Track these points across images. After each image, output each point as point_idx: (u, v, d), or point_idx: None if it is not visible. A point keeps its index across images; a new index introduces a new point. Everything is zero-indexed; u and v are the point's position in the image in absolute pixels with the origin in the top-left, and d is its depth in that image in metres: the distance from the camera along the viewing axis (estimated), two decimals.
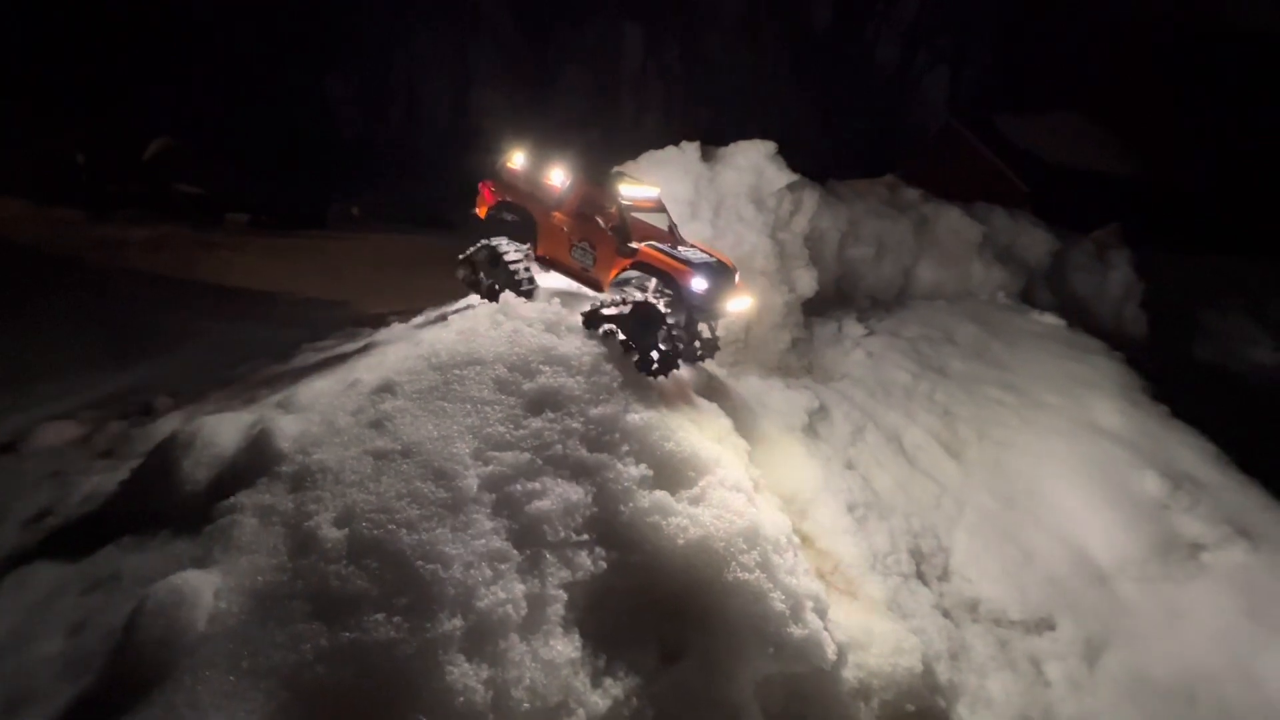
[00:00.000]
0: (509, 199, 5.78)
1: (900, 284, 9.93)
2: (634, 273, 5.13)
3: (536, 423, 3.76)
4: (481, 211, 5.92)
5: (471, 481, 3.28)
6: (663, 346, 4.73)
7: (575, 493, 3.50)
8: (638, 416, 4.07)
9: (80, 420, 5.86)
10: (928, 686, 4.29)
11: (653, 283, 5.03)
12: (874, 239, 9.43)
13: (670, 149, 7.83)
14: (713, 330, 5.40)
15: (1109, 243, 12.48)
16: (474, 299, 6.01)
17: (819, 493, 5.62)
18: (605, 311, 4.93)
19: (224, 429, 3.94)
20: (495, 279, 5.63)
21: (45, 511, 4.10)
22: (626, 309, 4.86)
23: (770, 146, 7.88)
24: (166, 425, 5.16)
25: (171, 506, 3.55)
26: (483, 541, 3.06)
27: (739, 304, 5.48)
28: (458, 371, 3.92)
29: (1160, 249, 13.25)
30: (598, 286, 5.44)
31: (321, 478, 3.35)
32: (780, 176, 7.78)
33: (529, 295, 5.47)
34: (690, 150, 7.82)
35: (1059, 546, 5.90)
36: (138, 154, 23.58)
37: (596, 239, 5.34)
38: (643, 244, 5.10)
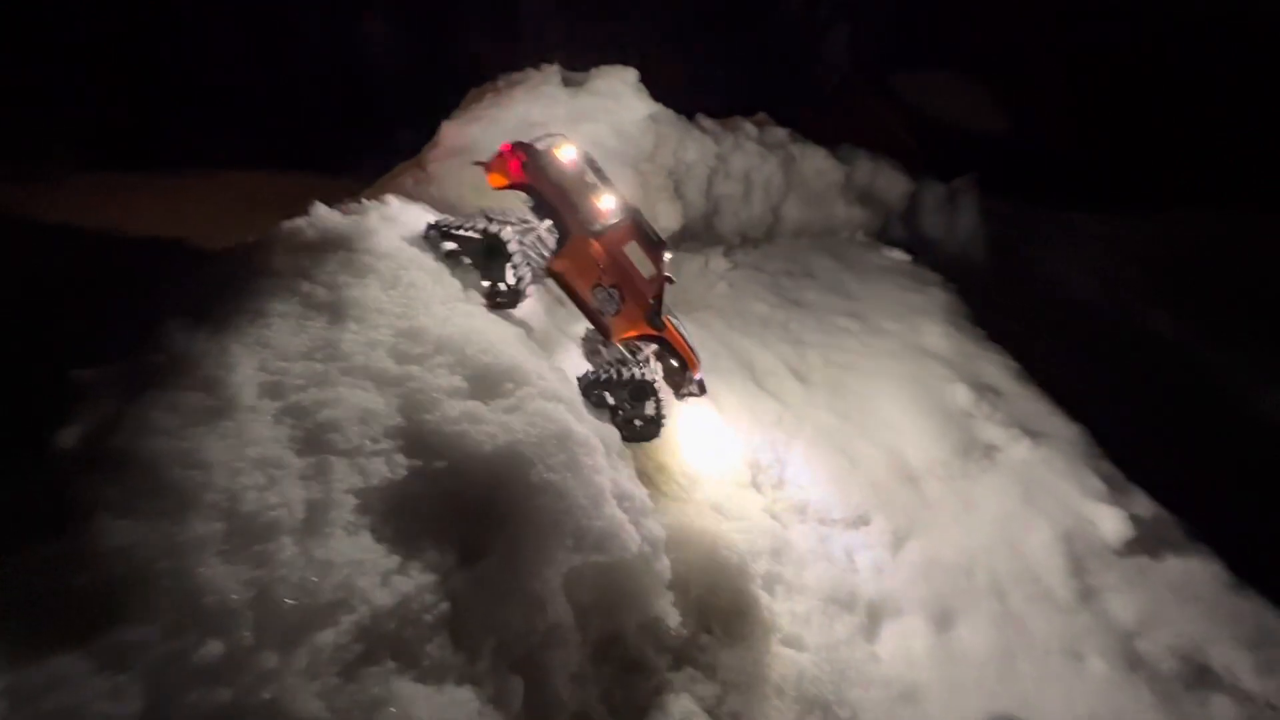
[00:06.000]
0: (542, 190, 4.89)
1: (769, 221, 10.28)
2: (644, 342, 5.38)
3: (335, 334, 3.61)
4: (496, 182, 4.91)
5: (247, 390, 3.12)
6: (651, 414, 5.11)
7: (375, 402, 3.42)
8: (455, 329, 4.01)
9: None
10: (743, 577, 4.69)
11: (650, 350, 5.41)
12: (742, 176, 9.65)
13: (529, 70, 7.52)
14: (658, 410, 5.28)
15: (963, 189, 13.48)
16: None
17: None
18: (602, 378, 5.00)
19: None
20: (483, 271, 4.74)
21: None
22: (619, 377, 5.01)
23: (632, 74, 7.76)
24: None
25: None
26: (257, 449, 2.93)
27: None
28: (242, 285, 3.66)
29: (1014, 201, 14.41)
30: (606, 333, 5.27)
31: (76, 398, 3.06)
32: (642, 106, 7.71)
33: (503, 306, 4.75)
34: (551, 73, 7.54)
35: (881, 453, 6.52)
36: None
37: (629, 293, 5.09)
38: (668, 322, 5.39)
